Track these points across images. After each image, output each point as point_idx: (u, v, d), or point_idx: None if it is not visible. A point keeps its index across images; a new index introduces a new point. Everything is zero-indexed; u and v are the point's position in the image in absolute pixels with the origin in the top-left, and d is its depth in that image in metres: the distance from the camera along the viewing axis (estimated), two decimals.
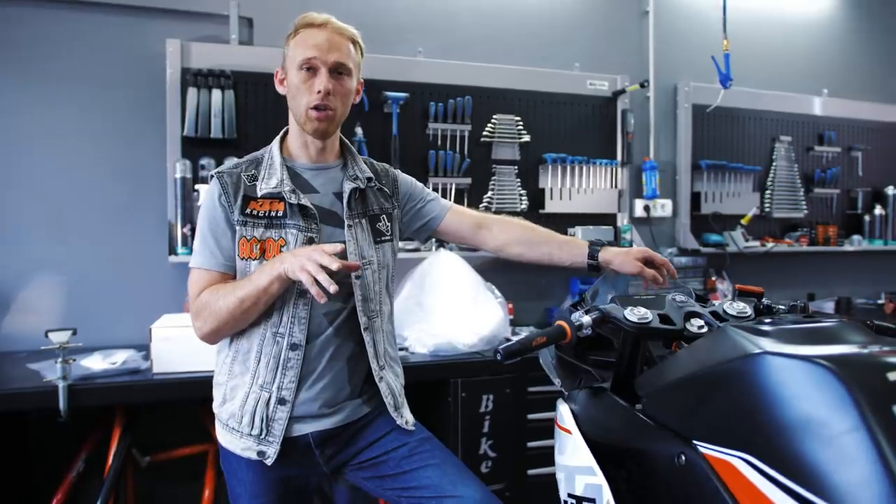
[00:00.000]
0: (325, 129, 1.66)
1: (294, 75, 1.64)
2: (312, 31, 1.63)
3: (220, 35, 3.03)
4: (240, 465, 1.66)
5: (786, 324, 1.15)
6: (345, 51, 1.64)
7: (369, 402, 1.72)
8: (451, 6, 3.44)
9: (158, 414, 2.69)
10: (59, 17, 2.84)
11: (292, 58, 1.64)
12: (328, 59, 1.61)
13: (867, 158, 4.24)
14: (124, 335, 2.76)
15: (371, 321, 1.68)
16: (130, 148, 2.93)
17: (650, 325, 1.37)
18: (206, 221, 1.63)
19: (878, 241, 4.19)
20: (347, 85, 1.66)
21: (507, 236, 1.90)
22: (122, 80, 2.91)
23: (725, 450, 1.03)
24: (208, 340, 1.63)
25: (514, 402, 2.72)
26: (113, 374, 2.33)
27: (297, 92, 1.64)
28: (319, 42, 1.61)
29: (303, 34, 1.64)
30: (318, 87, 1.61)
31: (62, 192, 2.86)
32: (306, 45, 1.62)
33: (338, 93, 1.64)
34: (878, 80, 4.37)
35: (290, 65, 1.65)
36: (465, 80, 3.36)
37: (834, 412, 0.92)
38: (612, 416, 1.37)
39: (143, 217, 2.94)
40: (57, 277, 2.84)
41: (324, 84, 1.60)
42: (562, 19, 3.64)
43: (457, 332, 2.74)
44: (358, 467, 1.71)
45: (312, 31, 1.63)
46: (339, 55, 1.63)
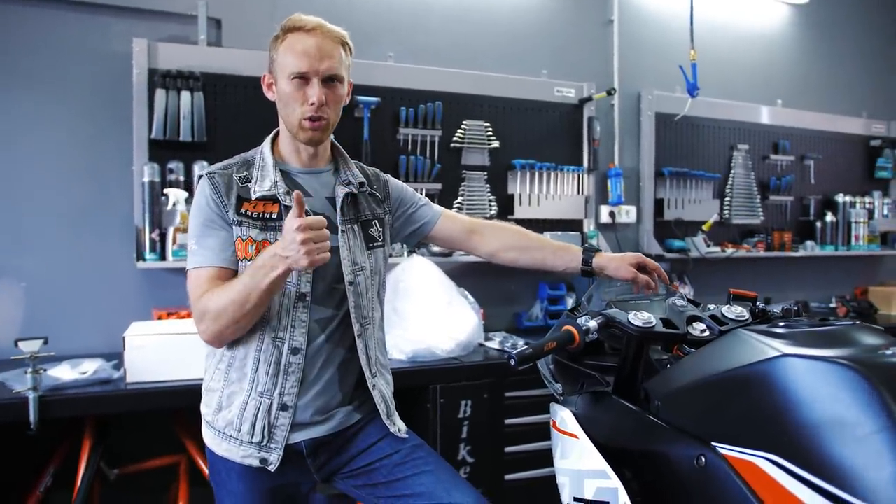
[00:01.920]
0: (319, 139, 1.63)
1: (285, 84, 1.58)
2: (302, 37, 1.57)
3: (188, 36, 2.95)
4: (230, 477, 1.61)
5: (800, 327, 1.18)
6: (337, 57, 1.60)
7: (360, 408, 1.70)
8: (420, 11, 3.44)
9: (129, 425, 2.60)
10: (19, 13, 2.73)
11: (282, 65, 1.58)
12: (320, 68, 1.56)
13: (819, 167, 4.40)
14: (90, 344, 2.66)
15: (364, 328, 1.66)
16: (94, 150, 2.83)
17: (654, 330, 1.39)
18: (200, 220, 1.57)
19: (829, 247, 4.35)
20: (340, 93, 1.63)
21: (500, 242, 1.90)
22: (85, 80, 2.82)
23: (748, 450, 1.05)
24: (215, 344, 1.58)
25: (491, 408, 2.72)
26: (84, 385, 2.24)
27: (290, 101, 1.59)
28: (310, 49, 1.56)
29: (291, 39, 1.58)
30: (311, 98, 1.56)
31: (21, 195, 2.74)
32: (296, 52, 1.56)
33: (330, 101, 1.60)
34: (829, 92, 4.55)
35: (280, 72, 1.59)
36: (436, 86, 3.36)
37: (862, 412, 0.95)
38: (620, 419, 1.38)
39: (107, 222, 2.84)
40: (16, 284, 2.72)
41: (317, 96, 1.56)
42: (529, 26, 3.68)
43: (434, 338, 2.74)
44: (349, 475, 1.69)
45: (301, 36, 1.57)
46: (331, 63, 1.58)
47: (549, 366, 1.71)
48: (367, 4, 3.32)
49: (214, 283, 1.53)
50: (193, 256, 1.57)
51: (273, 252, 1.45)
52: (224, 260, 1.56)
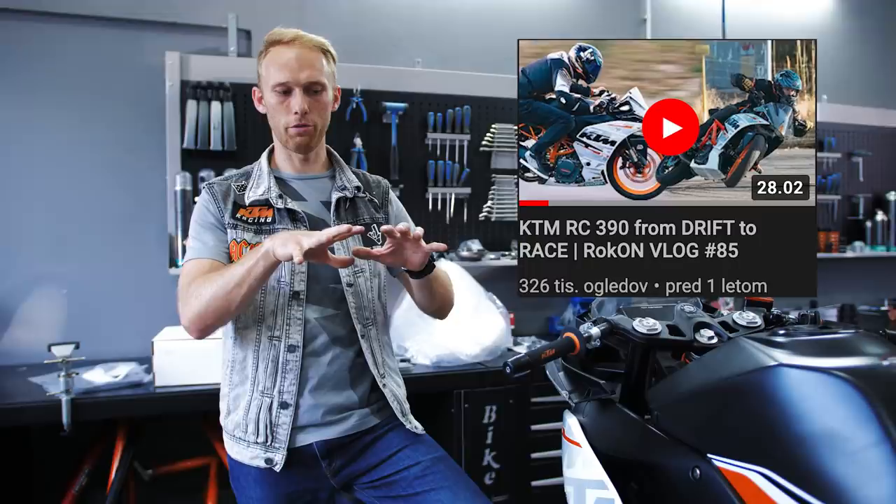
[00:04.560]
0: (307, 144, 1.67)
1: (269, 96, 1.63)
2: (282, 49, 1.61)
3: (218, 47, 3.04)
4: (248, 482, 1.64)
5: (801, 335, 1.14)
6: (317, 66, 1.63)
7: (378, 413, 1.70)
8: (448, 16, 3.45)
9: (161, 427, 2.68)
10: (61, 31, 2.85)
11: (266, 78, 1.63)
12: (300, 78, 1.60)
13: (868, 164, 4.23)
14: (125, 348, 2.75)
15: (367, 329, 1.68)
16: (131, 161, 2.94)
17: (659, 337, 1.36)
18: (197, 221, 1.64)
19: (881, 248, 4.18)
20: (324, 100, 1.66)
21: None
22: (122, 93, 2.93)
23: (742, 463, 1.03)
24: (193, 329, 1.55)
25: (517, 413, 2.70)
26: (115, 388, 2.32)
27: (275, 112, 1.64)
28: (290, 61, 1.60)
29: (273, 53, 1.62)
30: (294, 108, 1.60)
31: (63, 204, 2.86)
32: (277, 65, 1.60)
33: (314, 109, 1.63)
34: (878, 85, 4.38)
35: (265, 85, 1.64)
36: (464, 90, 3.36)
37: (855, 426, 0.91)
38: (622, 429, 1.36)
39: (144, 230, 2.94)
40: (58, 290, 2.84)
41: (299, 105, 1.60)
42: (559, 27, 3.64)
43: (459, 343, 2.73)
44: (369, 486, 1.69)
45: (281, 48, 1.61)
46: (311, 72, 1.61)
47: (559, 372, 1.69)
48: (393, 11, 3.34)
49: (201, 272, 1.56)
50: (189, 251, 1.63)
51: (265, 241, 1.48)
52: (218, 254, 1.60)
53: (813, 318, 1.46)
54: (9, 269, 2.79)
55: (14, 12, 2.79)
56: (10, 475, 2.54)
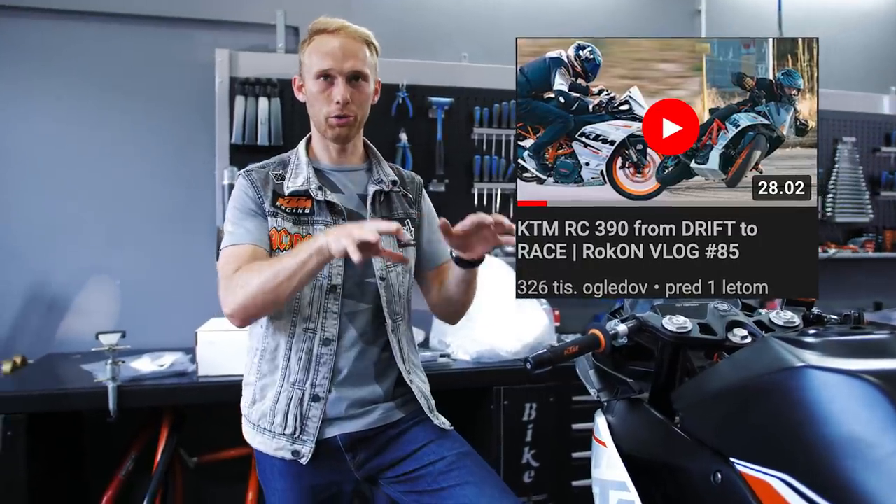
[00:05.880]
0: (347, 135, 1.66)
1: (311, 84, 1.63)
2: (326, 38, 1.62)
3: (266, 44, 3.09)
4: (273, 475, 1.65)
5: (832, 335, 1.09)
6: (361, 56, 1.63)
7: (403, 407, 1.70)
8: (495, 10, 3.42)
9: (205, 416, 2.73)
10: (114, 31, 2.95)
11: (308, 66, 1.64)
12: (344, 67, 1.60)
13: None
14: (173, 338, 2.82)
15: (396, 324, 1.68)
16: (183, 156, 3.03)
17: (689, 335, 1.32)
18: (237, 207, 1.62)
19: None
20: (365, 90, 1.66)
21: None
22: (174, 90, 3.01)
23: (764, 469, 0.98)
24: (237, 317, 1.55)
25: (557, 412, 2.67)
26: (160, 377, 2.39)
27: (316, 101, 1.64)
28: (334, 50, 1.60)
29: (317, 41, 1.63)
30: (336, 97, 1.60)
31: (117, 199, 2.97)
32: (321, 53, 1.61)
33: (356, 99, 1.63)
34: None
35: (307, 73, 1.64)
36: (511, 85, 3.30)
37: (881, 432, 0.87)
38: (648, 430, 1.32)
39: (194, 223, 3.02)
40: (111, 281, 2.94)
41: (342, 94, 1.60)
42: (609, 19, 3.58)
43: (500, 339, 2.71)
44: (395, 480, 1.69)
45: (326, 37, 1.62)
46: (355, 62, 1.62)
47: (590, 370, 1.66)
48: (440, 6, 3.34)
49: (249, 260, 1.54)
50: (229, 237, 1.60)
51: (317, 235, 1.49)
52: (260, 240, 1.58)
53: (857, 318, 1.39)
54: (66, 261, 2.91)
55: (74, 13, 2.90)
56: (64, 458, 2.64)
